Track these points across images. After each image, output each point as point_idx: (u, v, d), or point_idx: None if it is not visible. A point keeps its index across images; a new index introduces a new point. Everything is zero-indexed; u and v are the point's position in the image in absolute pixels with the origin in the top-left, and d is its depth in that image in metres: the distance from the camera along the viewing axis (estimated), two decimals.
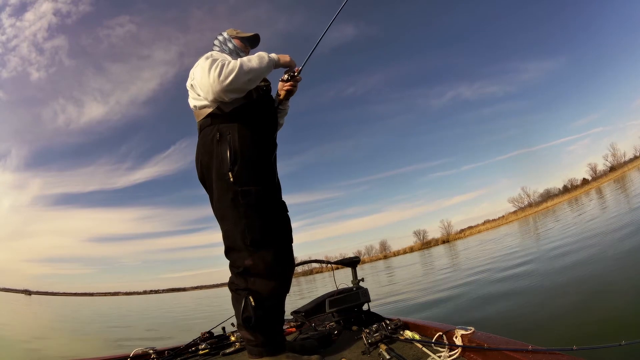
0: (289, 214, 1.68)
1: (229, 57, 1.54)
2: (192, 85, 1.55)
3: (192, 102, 1.60)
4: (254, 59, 1.50)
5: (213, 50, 1.74)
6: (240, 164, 1.44)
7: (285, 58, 1.63)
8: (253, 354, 1.41)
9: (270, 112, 1.68)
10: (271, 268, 1.43)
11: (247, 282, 1.41)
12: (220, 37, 1.80)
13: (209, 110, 1.53)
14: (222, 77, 1.38)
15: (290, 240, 1.62)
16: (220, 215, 1.50)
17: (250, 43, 1.88)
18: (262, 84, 1.66)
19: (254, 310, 1.37)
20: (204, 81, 1.41)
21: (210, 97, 1.44)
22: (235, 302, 1.44)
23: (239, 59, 1.47)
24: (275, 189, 1.63)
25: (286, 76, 1.67)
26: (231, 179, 1.42)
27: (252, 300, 1.38)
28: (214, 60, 1.42)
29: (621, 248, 5.42)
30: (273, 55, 1.58)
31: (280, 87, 1.72)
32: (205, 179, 1.55)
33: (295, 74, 1.67)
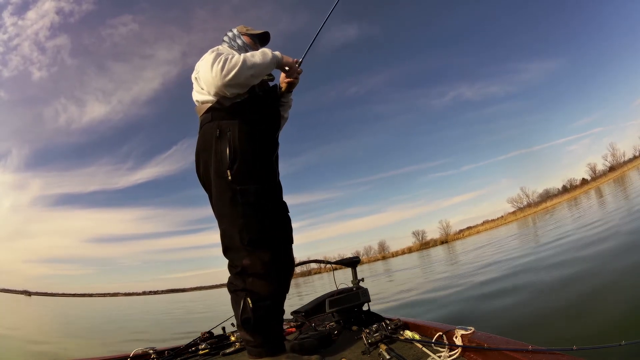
0: (290, 214, 1.67)
1: (234, 52, 1.53)
2: (196, 78, 1.54)
3: (195, 95, 1.59)
4: (257, 55, 1.49)
5: (222, 45, 1.73)
6: (239, 162, 1.42)
7: (289, 59, 1.62)
8: (253, 354, 1.41)
9: (273, 110, 1.67)
10: (269, 268, 1.41)
11: (245, 282, 1.40)
12: (229, 33, 1.79)
13: (210, 104, 1.51)
14: (224, 72, 1.38)
15: (291, 240, 1.61)
16: (219, 214, 1.48)
17: (259, 40, 1.87)
18: (267, 77, 1.65)
19: (253, 312, 1.36)
20: (207, 75, 1.41)
21: (212, 91, 1.44)
22: (234, 303, 1.43)
23: (242, 54, 1.46)
24: (275, 188, 1.61)
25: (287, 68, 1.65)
26: (229, 178, 1.40)
27: (250, 301, 1.37)
28: (218, 55, 1.42)
29: (621, 248, 5.42)
30: (277, 53, 1.57)
31: (282, 80, 1.71)
32: (204, 177, 1.53)
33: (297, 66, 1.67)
